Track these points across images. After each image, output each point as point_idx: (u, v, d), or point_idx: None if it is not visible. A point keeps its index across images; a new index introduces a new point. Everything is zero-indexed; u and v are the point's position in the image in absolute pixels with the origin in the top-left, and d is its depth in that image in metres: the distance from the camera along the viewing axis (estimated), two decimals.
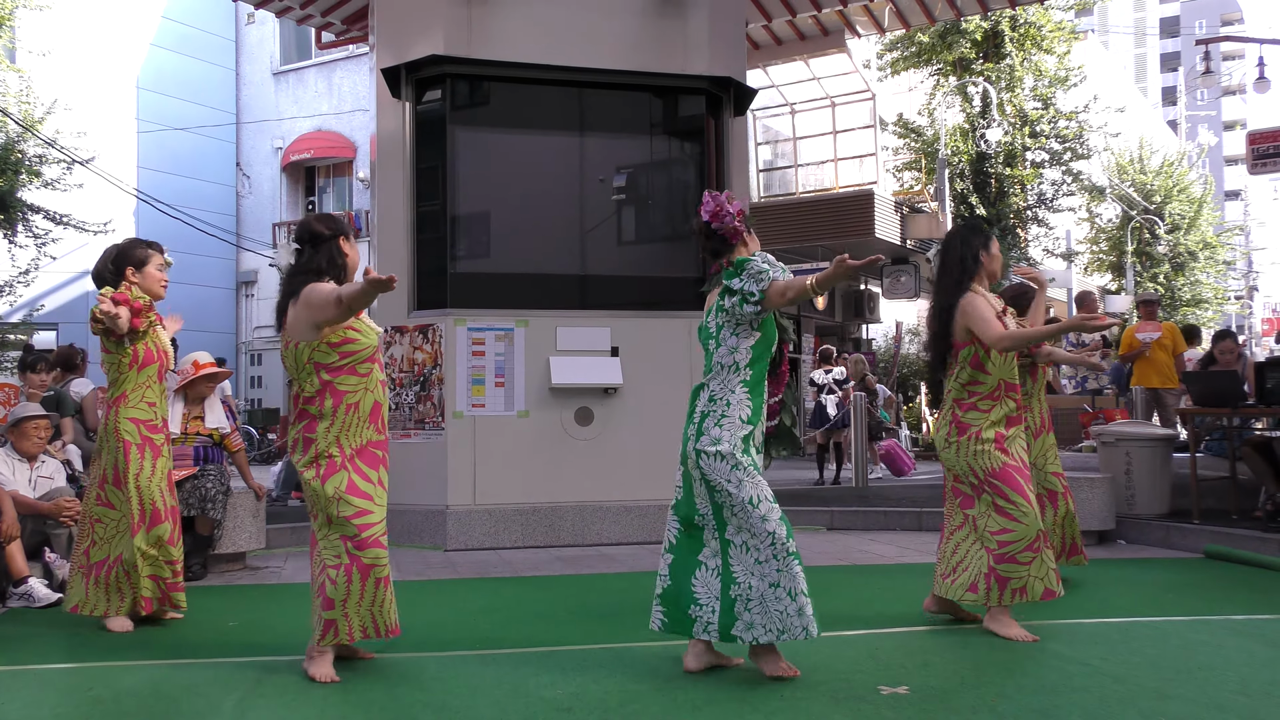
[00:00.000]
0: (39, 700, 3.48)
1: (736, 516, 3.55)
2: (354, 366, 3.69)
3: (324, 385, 3.68)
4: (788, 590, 3.46)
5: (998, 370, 4.25)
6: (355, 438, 3.70)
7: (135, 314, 4.42)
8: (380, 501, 3.74)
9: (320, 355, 3.67)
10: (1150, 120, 40.10)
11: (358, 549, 3.63)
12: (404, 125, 7.51)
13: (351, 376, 3.68)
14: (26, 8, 16.10)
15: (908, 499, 9.10)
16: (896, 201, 18.27)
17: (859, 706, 3.25)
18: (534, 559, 6.69)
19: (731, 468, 3.54)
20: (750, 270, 3.56)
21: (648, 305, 7.65)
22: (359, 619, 3.65)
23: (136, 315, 4.42)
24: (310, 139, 22.14)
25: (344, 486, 3.63)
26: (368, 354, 3.73)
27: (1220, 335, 8.88)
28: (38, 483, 5.47)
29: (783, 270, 3.61)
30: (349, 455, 3.67)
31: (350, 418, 3.68)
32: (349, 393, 3.67)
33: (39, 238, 15.97)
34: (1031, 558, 4.16)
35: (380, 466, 3.77)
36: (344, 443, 3.68)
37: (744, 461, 3.54)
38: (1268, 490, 6.98)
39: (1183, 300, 29.19)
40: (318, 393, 3.68)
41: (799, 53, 13.14)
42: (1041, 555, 4.18)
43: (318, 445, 3.68)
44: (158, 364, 4.55)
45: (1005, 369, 4.27)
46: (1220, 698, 3.31)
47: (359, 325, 3.72)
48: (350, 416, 3.68)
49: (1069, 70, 20.28)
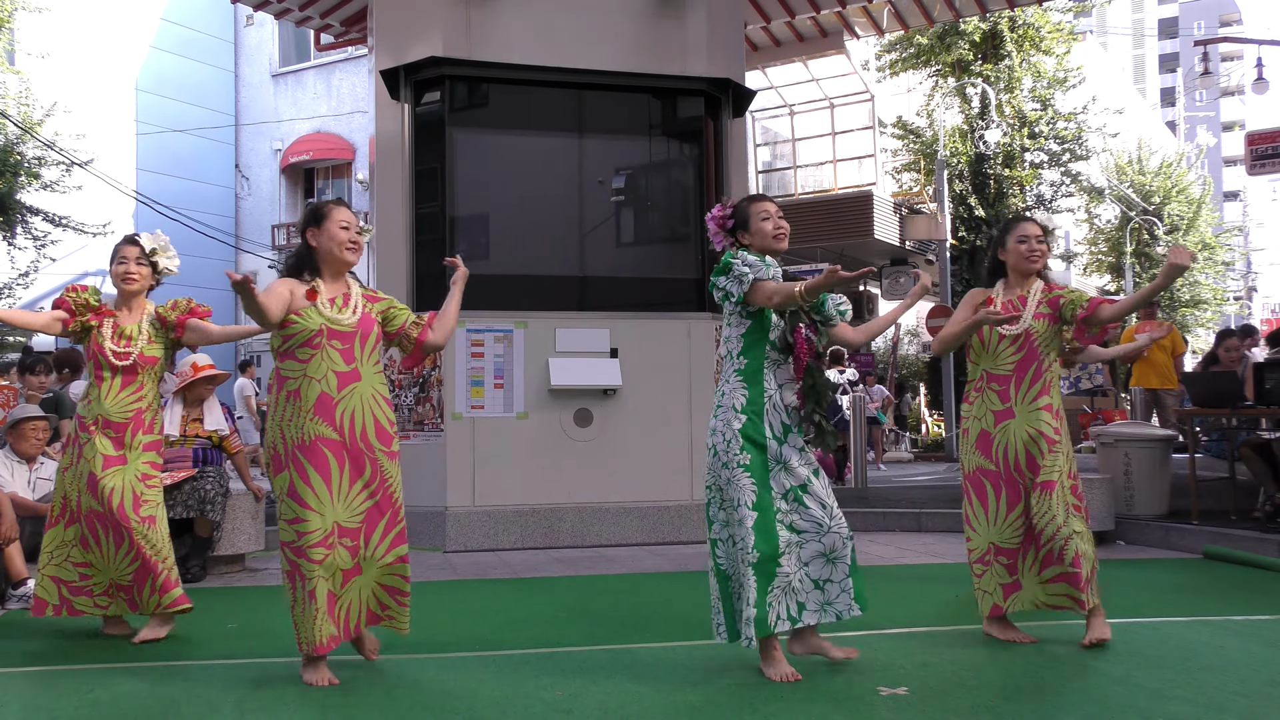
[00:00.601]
0: (37, 702, 3.48)
1: (724, 510, 3.61)
2: (294, 351, 3.60)
3: (274, 371, 3.71)
4: (741, 596, 3.52)
5: (982, 360, 4.26)
6: (296, 430, 3.55)
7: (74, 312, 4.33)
8: (322, 508, 3.53)
9: (274, 340, 3.70)
10: (1149, 121, 40.17)
11: (295, 556, 3.55)
12: (403, 127, 7.51)
13: (292, 361, 3.61)
14: (26, 10, 16.12)
15: (906, 500, 9.11)
16: (895, 203, 18.30)
17: (858, 707, 3.25)
18: (533, 560, 6.69)
19: (722, 465, 3.57)
20: (733, 272, 3.60)
21: (647, 306, 7.65)
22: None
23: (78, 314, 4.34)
24: (309, 141, 22.17)
25: (285, 488, 3.56)
26: (304, 338, 3.59)
27: (1224, 334, 8.89)
28: (36, 484, 5.47)
29: (768, 270, 3.62)
30: (290, 450, 3.55)
31: (289, 407, 3.57)
32: (289, 379, 3.60)
33: (38, 240, 15.99)
34: (982, 570, 4.15)
35: (335, 469, 3.56)
36: (286, 434, 3.57)
37: (737, 459, 3.53)
38: (1266, 491, 6.99)
39: (1181, 301, 29.23)
40: (271, 381, 3.74)
41: (798, 54, 13.14)
42: (991, 569, 4.13)
43: (268, 435, 3.64)
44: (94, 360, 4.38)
45: (989, 359, 4.21)
46: (1219, 698, 3.31)
47: (305, 310, 3.62)
48: (289, 406, 3.57)
49: (1068, 71, 20.31)
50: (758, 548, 3.45)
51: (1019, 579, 4.13)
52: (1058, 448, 4.10)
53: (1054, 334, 4.18)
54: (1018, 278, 4.28)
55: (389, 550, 3.68)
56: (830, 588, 3.61)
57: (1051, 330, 4.17)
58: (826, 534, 3.57)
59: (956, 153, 18.94)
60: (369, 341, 3.71)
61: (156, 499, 4.37)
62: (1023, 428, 4.11)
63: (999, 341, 4.18)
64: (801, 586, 3.57)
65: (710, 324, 7.54)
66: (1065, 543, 4.00)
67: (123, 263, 4.41)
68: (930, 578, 5.89)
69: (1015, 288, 4.28)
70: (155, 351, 4.40)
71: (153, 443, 4.41)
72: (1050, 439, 4.08)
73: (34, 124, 15.77)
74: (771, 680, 3.52)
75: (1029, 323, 4.16)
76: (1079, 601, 4.03)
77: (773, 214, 3.73)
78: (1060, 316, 4.17)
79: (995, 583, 4.14)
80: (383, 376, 3.78)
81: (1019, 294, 4.25)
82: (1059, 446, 4.10)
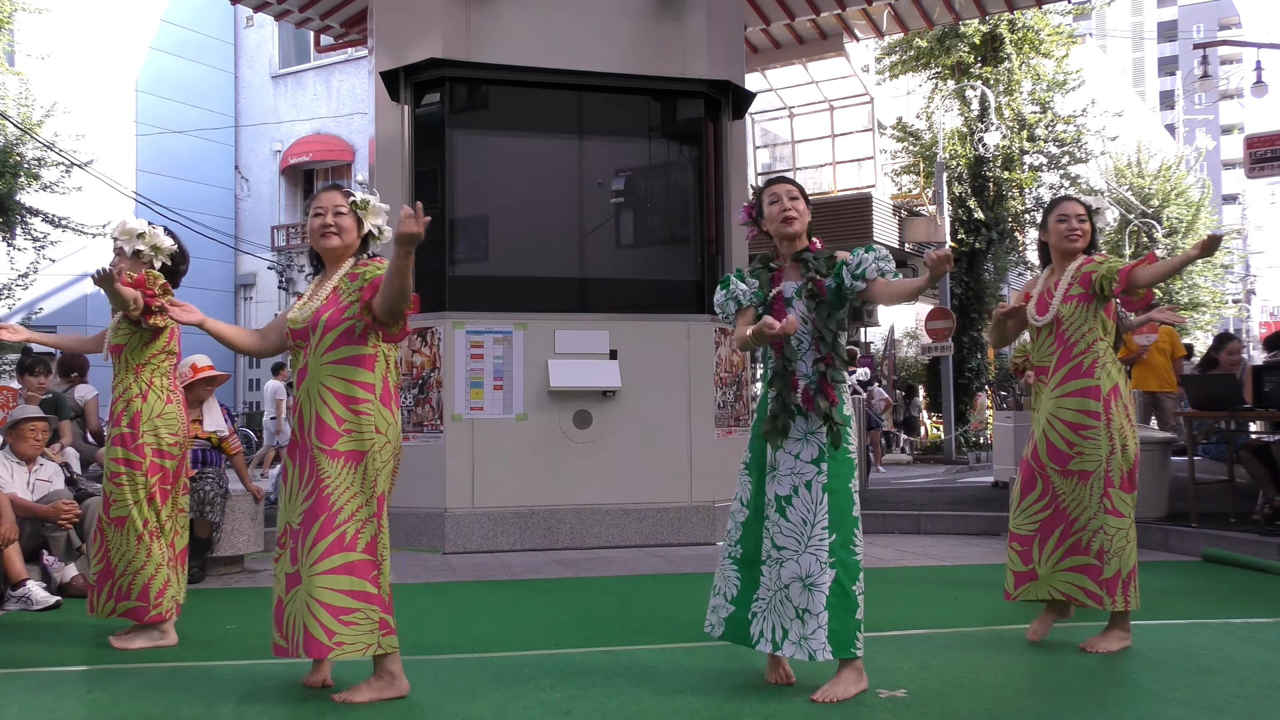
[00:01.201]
0: (36, 703, 3.47)
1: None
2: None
3: None
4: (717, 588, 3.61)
5: (1034, 355, 4.29)
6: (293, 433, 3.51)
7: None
8: (283, 508, 3.43)
9: None
10: (1148, 124, 40.21)
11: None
12: (403, 128, 7.51)
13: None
14: (25, 11, 16.12)
15: (905, 502, 9.10)
16: (895, 205, 18.31)
17: (857, 710, 3.25)
18: (532, 562, 6.69)
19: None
20: (718, 300, 3.70)
21: (646, 308, 7.66)
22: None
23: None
24: (309, 142, 22.17)
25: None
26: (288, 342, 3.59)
27: (1224, 338, 8.89)
28: (36, 485, 5.46)
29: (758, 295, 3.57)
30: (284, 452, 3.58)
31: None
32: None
33: (38, 241, 15.97)
34: (1008, 555, 4.25)
35: (291, 469, 3.42)
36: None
37: (743, 458, 3.63)
38: (1265, 494, 6.99)
39: (1180, 304, 29.23)
40: None
41: (797, 56, 13.14)
42: (1008, 555, 4.23)
43: None
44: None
45: (1036, 353, 4.24)
46: (1219, 701, 3.31)
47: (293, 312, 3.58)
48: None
49: (1067, 74, 20.32)
50: (741, 544, 3.54)
51: (1034, 568, 4.09)
52: (1093, 433, 3.91)
53: (1091, 313, 4.00)
54: (1060, 259, 4.16)
55: (321, 559, 3.27)
56: (809, 620, 3.29)
57: (1086, 310, 4.01)
58: (803, 554, 3.32)
59: (956, 155, 18.95)
60: (318, 333, 3.40)
61: (128, 498, 4.18)
62: (1044, 415, 4.06)
63: (1038, 334, 4.16)
64: (784, 611, 3.34)
65: (709, 326, 7.55)
66: (1094, 535, 3.92)
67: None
68: (929, 580, 5.89)
69: (1057, 271, 4.17)
70: (121, 339, 4.30)
71: (120, 436, 4.22)
72: (1081, 425, 3.92)
73: (34, 125, 15.75)
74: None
75: (1058, 308, 4.04)
76: (1097, 597, 3.92)
77: (781, 196, 3.55)
78: (1097, 292, 3.98)
79: (1009, 569, 4.19)
80: (343, 369, 3.38)
81: (1056, 279, 4.13)
82: (1095, 432, 3.91)
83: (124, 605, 4.19)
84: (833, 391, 3.39)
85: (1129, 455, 3.97)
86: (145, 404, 4.24)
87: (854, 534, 3.38)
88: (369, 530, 3.34)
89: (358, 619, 3.28)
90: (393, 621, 3.37)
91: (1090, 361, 3.99)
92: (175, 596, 4.27)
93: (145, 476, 4.21)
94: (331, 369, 3.39)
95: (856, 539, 3.38)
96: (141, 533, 4.19)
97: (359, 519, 3.33)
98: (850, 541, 3.36)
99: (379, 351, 3.44)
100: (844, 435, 3.40)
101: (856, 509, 3.41)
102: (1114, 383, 3.98)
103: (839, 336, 3.49)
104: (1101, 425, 3.93)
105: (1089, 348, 4.00)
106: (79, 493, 5.60)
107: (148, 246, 4.39)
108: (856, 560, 3.36)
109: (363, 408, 3.37)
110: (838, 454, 3.38)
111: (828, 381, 3.40)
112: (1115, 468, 3.95)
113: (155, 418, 4.25)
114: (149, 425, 4.24)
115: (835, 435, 3.37)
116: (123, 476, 4.20)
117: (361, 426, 3.35)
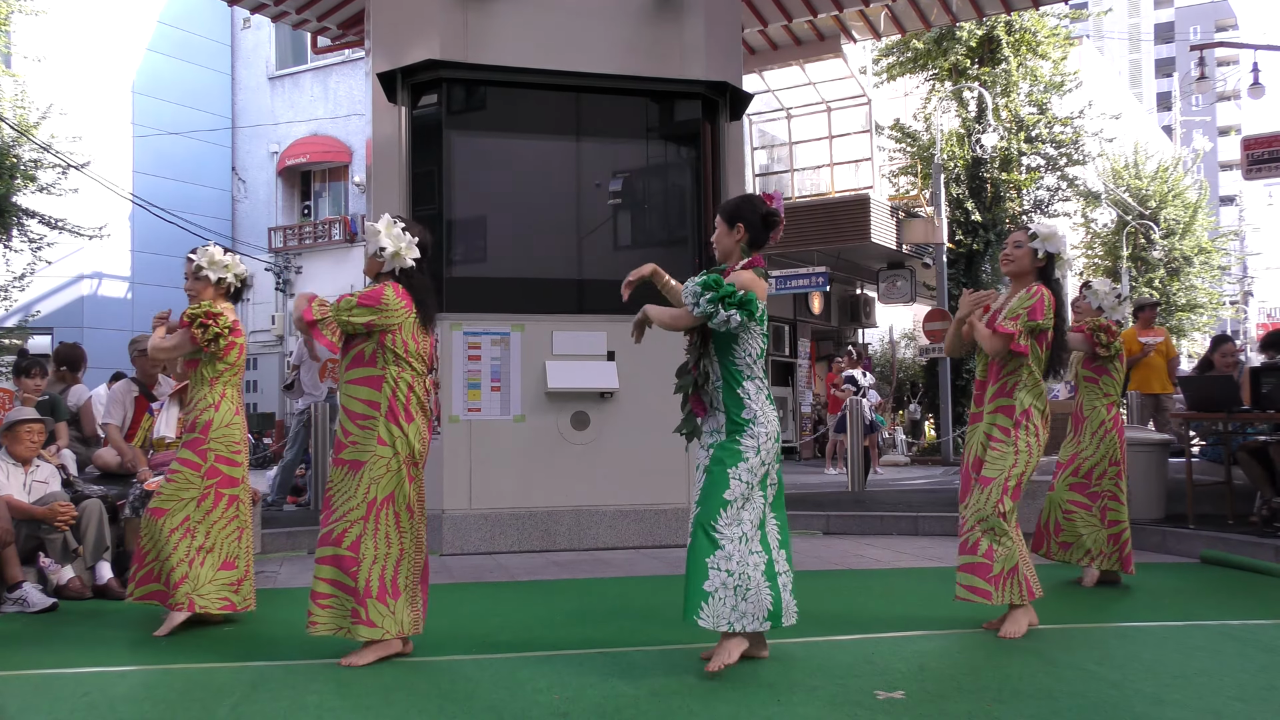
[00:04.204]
0: (33, 705, 3.46)
1: None
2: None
3: None
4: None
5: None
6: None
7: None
8: None
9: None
10: (1145, 125, 40.24)
11: None
12: (400, 130, 7.50)
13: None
14: (22, 13, 16.10)
15: (904, 504, 9.10)
16: (892, 206, 18.30)
17: (855, 711, 3.24)
18: (530, 564, 6.68)
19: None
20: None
21: None
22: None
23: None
24: (306, 143, 22.14)
25: None
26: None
27: (1219, 339, 8.90)
28: (32, 487, 5.45)
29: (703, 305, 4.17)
30: None
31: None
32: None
33: (34, 242, 15.93)
34: None
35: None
36: None
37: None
38: (1263, 495, 7.00)
39: (1178, 305, 29.27)
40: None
41: (795, 58, 13.15)
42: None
43: None
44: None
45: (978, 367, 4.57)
46: (1216, 703, 3.31)
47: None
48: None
49: (1064, 75, 20.32)
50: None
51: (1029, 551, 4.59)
52: (1001, 447, 4.29)
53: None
54: (1011, 281, 4.55)
55: (318, 549, 3.93)
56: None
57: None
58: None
59: (953, 156, 18.94)
60: (343, 362, 4.03)
61: (178, 494, 4.52)
62: (980, 430, 4.42)
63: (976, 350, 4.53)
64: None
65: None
66: (980, 536, 4.24)
67: None
68: (927, 581, 5.89)
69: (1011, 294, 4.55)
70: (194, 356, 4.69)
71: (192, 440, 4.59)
72: (994, 438, 4.32)
73: (30, 126, 15.73)
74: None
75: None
76: (986, 594, 4.21)
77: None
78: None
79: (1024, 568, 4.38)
80: (355, 389, 3.94)
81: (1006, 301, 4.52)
82: (1003, 446, 4.29)
83: (142, 590, 4.55)
84: (696, 402, 4.06)
85: (1024, 468, 4.29)
86: (217, 414, 4.59)
87: (719, 513, 3.67)
88: (355, 531, 3.85)
89: (333, 604, 3.86)
90: (379, 617, 3.82)
91: (1010, 382, 4.37)
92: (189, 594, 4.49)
93: (202, 479, 4.54)
94: (348, 389, 3.96)
95: (722, 518, 3.66)
96: (175, 527, 4.49)
97: (349, 520, 3.86)
98: (712, 519, 3.67)
99: (386, 373, 3.95)
100: (742, 430, 3.79)
101: (732, 493, 3.68)
102: (1031, 404, 4.34)
103: (729, 349, 4.15)
104: (1011, 440, 4.30)
105: (1011, 370, 4.37)
106: (75, 495, 5.58)
107: (232, 275, 4.76)
108: (715, 538, 3.65)
109: (368, 423, 3.89)
110: (726, 443, 3.80)
111: (697, 392, 4.10)
112: (1014, 479, 4.28)
113: (224, 426, 4.60)
114: (219, 433, 4.59)
115: (735, 426, 3.82)
116: (180, 475, 4.54)
117: (365, 439, 3.88)
